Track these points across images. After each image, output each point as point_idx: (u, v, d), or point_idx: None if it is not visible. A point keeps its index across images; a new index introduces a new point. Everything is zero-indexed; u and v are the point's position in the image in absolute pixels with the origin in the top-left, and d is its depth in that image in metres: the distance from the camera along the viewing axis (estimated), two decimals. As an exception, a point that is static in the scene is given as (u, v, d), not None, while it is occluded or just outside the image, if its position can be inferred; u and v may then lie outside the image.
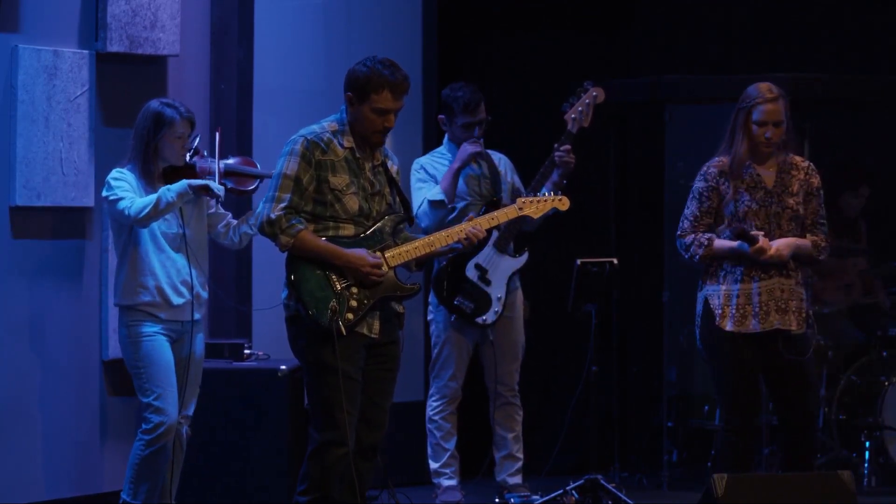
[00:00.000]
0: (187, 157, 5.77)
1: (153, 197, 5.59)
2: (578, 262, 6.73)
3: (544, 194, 5.73)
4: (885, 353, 7.59)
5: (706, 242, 5.73)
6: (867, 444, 7.40)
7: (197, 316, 5.79)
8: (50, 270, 6.30)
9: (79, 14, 6.38)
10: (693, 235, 5.76)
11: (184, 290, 5.71)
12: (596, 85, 6.67)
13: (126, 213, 5.57)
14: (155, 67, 6.65)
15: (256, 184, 5.97)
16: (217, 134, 5.91)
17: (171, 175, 5.70)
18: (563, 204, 5.69)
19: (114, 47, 6.41)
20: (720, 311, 5.72)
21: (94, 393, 6.42)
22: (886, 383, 7.46)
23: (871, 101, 8.21)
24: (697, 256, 5.75)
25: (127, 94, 6.46)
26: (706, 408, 7.60)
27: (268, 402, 6.26)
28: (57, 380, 6.30)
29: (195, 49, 6.88)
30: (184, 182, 5.63)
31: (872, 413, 7.43)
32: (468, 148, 6.60)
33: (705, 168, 5.81)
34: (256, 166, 6.06)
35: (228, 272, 6.93)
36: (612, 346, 7.59)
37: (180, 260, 5.72)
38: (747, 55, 8.40)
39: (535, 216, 5.73)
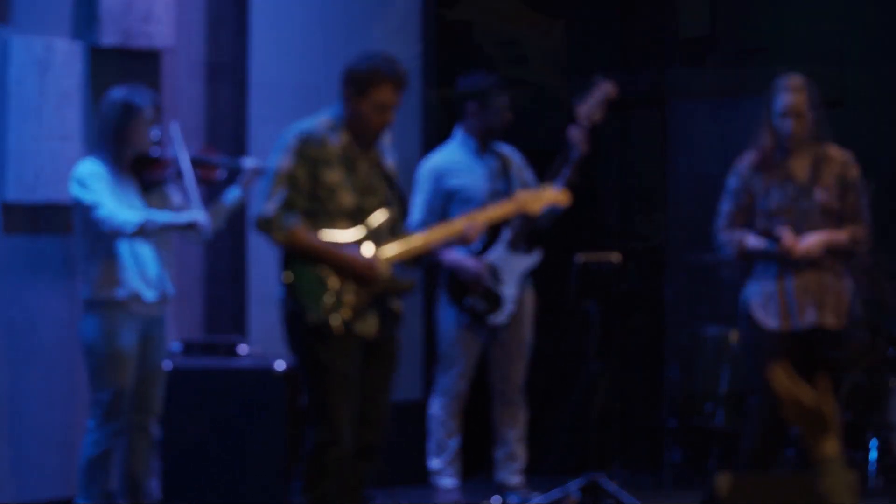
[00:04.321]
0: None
1: (138, 219, 5.48)
2: (579, 258, 6.67)
3: (544, 189, 5.69)
4: (891, 351, 7.53)
5: (738, 242, 5.70)
6: (873, 443, 7.34)
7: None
8: (43, 266, 6.26)
9: (71, 5, 6.31)
10: (727, 234, 5.74)
11: (154, 284, 5.64)
12: (606, 79, 6.59)
13: (106, 226, 5.47)
14: (149, 60, 6.59)
15: (224, 173, 5.85)
16: (177, 126, 5.76)
17: (139, 166, 5.61)
18: (563, 199, 5.64)
19: (107, 40, 6.34)
20: (762, 311, 5.68)
21: (87, 390, 6.35)
22: (893, 382, 7.39)
23: (873, 97, 8.16)
24: (732, 256, 5.75)
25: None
26: (709, 407, 7.52)
27: (264, 400, 6.21)
28: (50, 377, 6.26)
29: (190, 41, 6.83)
30: (173, 217, 5.55)
31: (879, 412, 7.37)
32: (472, 272, 6.47)
33: (738, 163, 5.79)
34: (217, 153, 5.96)
35: (223, 267, 6.89)
36: (612, 343, 7.53)
37: (149, 253, 5.64)
38: (749, 50, 8.33)
39: (534, 211, 5.67)
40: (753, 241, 5.72)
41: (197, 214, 5.54)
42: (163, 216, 5.54)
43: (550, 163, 6.45)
